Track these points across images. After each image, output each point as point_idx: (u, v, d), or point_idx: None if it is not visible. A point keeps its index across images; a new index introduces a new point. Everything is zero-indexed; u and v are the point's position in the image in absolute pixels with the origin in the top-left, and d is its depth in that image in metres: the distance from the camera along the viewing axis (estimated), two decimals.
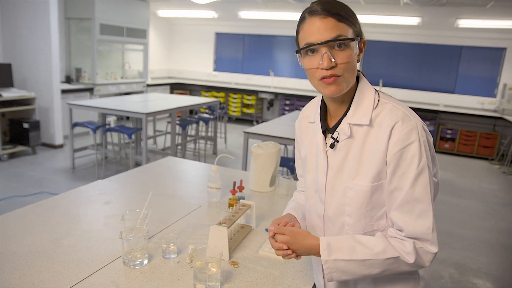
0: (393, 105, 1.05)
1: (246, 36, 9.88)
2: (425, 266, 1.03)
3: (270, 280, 1.30)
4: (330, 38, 0.99)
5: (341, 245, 1.05)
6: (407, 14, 7.50)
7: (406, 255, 1.00)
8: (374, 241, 1.04)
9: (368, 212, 1.07)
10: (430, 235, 1.00)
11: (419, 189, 1.00)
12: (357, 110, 1.07)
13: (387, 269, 1.02)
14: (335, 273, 1.04)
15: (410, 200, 1.00)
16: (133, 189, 2.09)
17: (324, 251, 1.04)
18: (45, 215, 1.65)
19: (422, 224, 1.00)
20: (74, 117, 5.25)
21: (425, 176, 0.99)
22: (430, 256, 1.02)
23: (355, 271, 1.03)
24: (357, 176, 1.07)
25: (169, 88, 9.80)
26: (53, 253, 1.36)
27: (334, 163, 1.12)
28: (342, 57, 1.01)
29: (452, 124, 8.01)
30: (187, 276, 1.28)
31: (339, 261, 1.03)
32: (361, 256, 1.02)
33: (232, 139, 7.64)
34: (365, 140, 1.06)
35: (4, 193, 4.26)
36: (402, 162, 1.00)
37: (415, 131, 0.99)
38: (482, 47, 7.85)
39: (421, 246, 1.01)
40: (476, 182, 6.06)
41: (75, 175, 5.05)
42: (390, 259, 1.01)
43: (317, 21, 1.00)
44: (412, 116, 1.03)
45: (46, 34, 5.85)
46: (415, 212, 1.00)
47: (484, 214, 4.72)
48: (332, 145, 1.11)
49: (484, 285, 3.14)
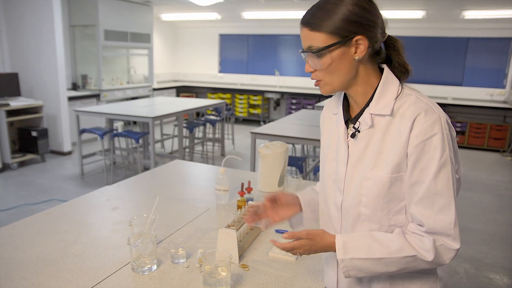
0: (416, 96, 1.03)
1: (250, 37, 9.87)
2: (445, 263, 1.00)
3: (281, 282, 1.28)
4: (304, 48, 1.05)
5: (357, 243, 1.03)
6: (412, 7, 7.42)
7: (425, 252, 0.98)
8: (391, 239, 1.01)
9: (385, 204, 1.05)
10: (452, 230, 0.97)
11: (441, 182, 0.97)
12: (380, 100, 1.06)
13: (405, 267, 1.00)
14: (352, 271, 1.04)
15: (431, 194, 0.98)
16: (140, 194, 2.08)
17: (340, 250, 1.03)
18: (53, 223, 1.65)
19: (444, 219, 0.97)
20: (81, 124, 5.27)
21: (447, 169, 0.97)
22: (451, 253, 0.99)
23: (372, 269, 1.02)
24: (376, 166, 1.05)
25: (175, 91, 9.82)
26: (62, 261, 1.35)
27: (354, 153, 1.11)
28: (318, 64, 1.04)
29: (461, 117, 7.91)
30: (196, 280, 1.26)
31: (355, 259, 1.02)
32: (377, 254, 1.00)
33: (240, 140, 7.63)
34: (386, 131, 1.04)
35: (15, 202, 4.28)
36: (423, 155, 0.98)
37: (438, 123, 0.97)
38: (489, 37, 7.74)
39: (442, 243, 0.98)
40: (488, 175, 5.98)
41: (84, 181, 5.06)
42: (408, 257, 0.99)
43: (300, 30, 1.06)
44: (436, 108, 1.00)
45: (51, 43, 5.89)
46: (437, 207, 0.98)
47: (497, 208, 4.65)
48: (353, 134, 1.10)
49: (501, 280, 3.09)
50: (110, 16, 7.21)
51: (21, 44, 6.10)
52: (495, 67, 7.84)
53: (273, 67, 9.67)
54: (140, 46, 8.23)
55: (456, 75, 8.15)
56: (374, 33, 1.03)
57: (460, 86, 8.11)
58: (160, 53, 9.92)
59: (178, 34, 10.58)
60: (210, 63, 10.40)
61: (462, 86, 8.11)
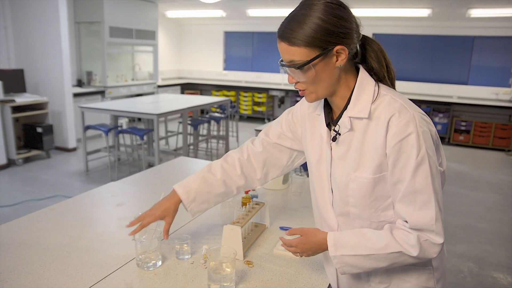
0: (391, 97, 1.05)
1: (255, 34, 9.85)
2: (432, 257, 1.03)
3: (285, 279, 1.28)
4: (285, 61, 1.06)
5: (346, 240, 1.07)
6: (417, 5, 7.38)
7: (410, 248, 1.01)
8: (379, 236, 1.05)
9: (372, 203, 1.08)
10: (433, 225, 0.99)
11: (420, 180, 0.99)
12: (357, 103, 1.07)
13: (394, 262, 1.04)
14: (345, 267, 1.07)
15: (411, 191, 1.00)
16: (145, 190, 2.09)
17: (332, 247, 1.08)
18: (58, 219, 1.66)
19: (425, 215, 1.00)
20: (86, 120, 5.29)
21: (425, 167, 0.99)
22: (436, 248, 1.01)
23: (363, 265, 1.06)
24: (359, 168, 1.08)
25: (180, 88, 9.83)
26: (67, 256, 1.36)
27: (337, 155, 1.13)
28: (301, 76, 1.05)
29: (466, 116, 7.88)
30: (201, 276, 1.27)
31: (346, 256, 1.06)
32: (364, 251, 1.04)
33: (244, 138, 7.63)
34: (365, 133, 1.06)
35: (20, 197, 4.31)
36: (401, 154, 1.00)
37: (412, 123, 0.99)
38: (495, 36, 7.69)
39: (426, 238, 1.01)
40: (493, 174, 5.95)
41: (89, 177, 5.08)
42: (394, 253, 1.02)
43: (278, 43, 1.06)
44: (410, 107, 1.02)
45: (57, 39, 5.91)
46: (417, 203, 1.00)
47: (502, 207, 4.63)
48: (334, 138, 1.13)
49: (505, 279, 3.08)
50: (115, 13, 7.22)
51: (27, 40, 6.13)
52: (501, 66, 7.79)
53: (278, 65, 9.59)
54: (145, 43, 8.24)
55: (461, 74, 8.11)
56: (352, 40, 1.03)
57: (465, 85, 8.07)
58: (165, 50, 9.92)
59: (183, 31, 10.58)
60: (214, 61, 10.40)
61: (467, 85, 8.06)
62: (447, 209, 4.39)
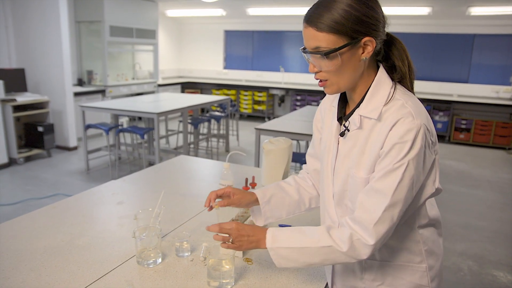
0: (403, 102, 1.02)
1: (255, 33, 9.86)
2: (362, 258, 1.03)
3: (284, 276, 1.29)
4: (309, 48, 1.02)
5: (283, 234, 1.10)
6: (417, 4, 7.37)
7: (340, 242, 1.02)
8: (313, 231, 1.08)
9: None
10: (371, 225, 1.00)
11: (386, 182, 0.99)
12: (370, 102, 1.07)
13: (326, 258, 1.05)
14: (281, 260, 1.09)
15: (373, 188, 1.01)
16: (146, 188, 2.10)
17: (269, 240, 1.10)
18: (59, 217, 1.67)
19: (370, 213, 1.00)
20: (87, 119, 5.30)
21: (397, 174, 0.98)
22: (366, 249, 1.01)
23: (297, 259, 1.08)
24: (358, 166, 1.08)
25: (180, 87, 9.84)
26: (68, 254, 1.37)
27: (342, 151, 1.14)
28: (325, 65, 1.02)
29: (466, 114, 7.88)
30: (201, 274, 1.28)
31: (281, 248, 1.09)
32: (297, 244, 1.07)
33: (244, 136, 7.64)
34: (370, 133, 1.06)
35: (21, 196, 4.32)
36: (387, 155, 1.00)
37: (412, 132, 0.97)
38: (495, 34, 7.69)
39: (359, 237, 1.01)
40: (493, 172, 5.96)
41: (89, 176, 5.10)
42: (325, 247, 1.04)
43: (303, 29, 1.02)
44: (418, 116, 0.99)
45: (57, 38, 5.92)
46: (371, 200, 1.01)
47: (502, 205, 4.63)
48: (343, 133, 1.13)
49: (505, 277, 3.09)
50: (115, 12, 7.23)
51: (27, 40, 6.14)
52: (501, 64, 7.79)
53: (278, 64, 9.65)
54: (145, 42, 8.25)
55: (462, 72, 8.11)
56: (379, 33, 1.02)
57: (466, 83, 8.08)
58: (165, 49, 9.93)
59: (183, 30, 10.59)
60: (215, 59, 10.41)
61: (468, 83, 8.07)
62: (447, 207, 4.40)
